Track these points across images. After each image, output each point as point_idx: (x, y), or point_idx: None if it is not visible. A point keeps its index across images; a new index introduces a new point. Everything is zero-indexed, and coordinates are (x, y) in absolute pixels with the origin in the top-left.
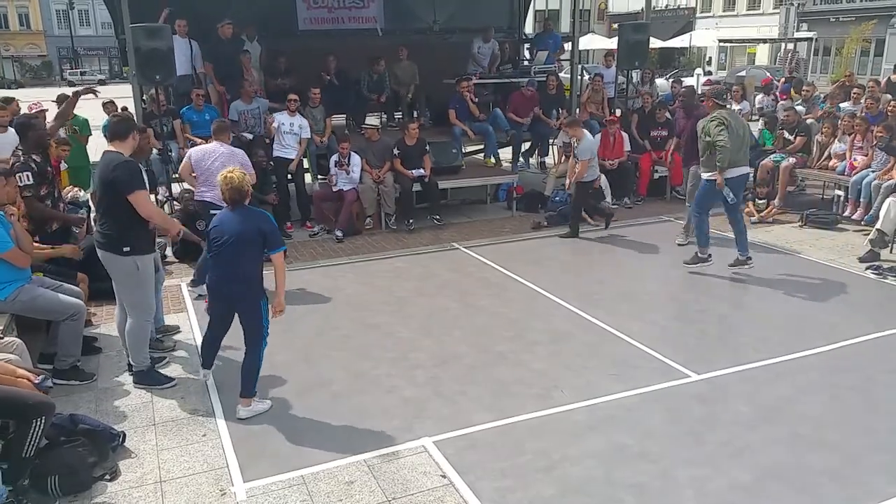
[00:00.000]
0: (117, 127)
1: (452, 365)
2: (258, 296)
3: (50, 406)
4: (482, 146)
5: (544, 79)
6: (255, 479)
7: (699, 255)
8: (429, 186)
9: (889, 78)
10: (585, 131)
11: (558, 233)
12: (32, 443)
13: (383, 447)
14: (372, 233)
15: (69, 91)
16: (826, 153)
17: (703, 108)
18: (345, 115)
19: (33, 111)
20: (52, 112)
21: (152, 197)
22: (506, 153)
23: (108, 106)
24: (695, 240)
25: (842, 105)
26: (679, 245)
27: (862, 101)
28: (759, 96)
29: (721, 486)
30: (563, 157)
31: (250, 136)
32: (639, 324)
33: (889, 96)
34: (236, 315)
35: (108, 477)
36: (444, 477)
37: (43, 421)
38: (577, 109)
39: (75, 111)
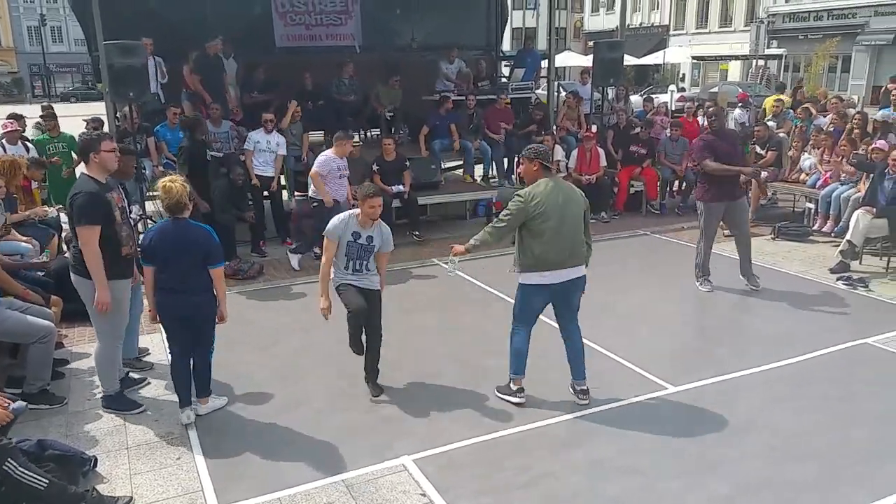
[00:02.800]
0: (79, 150)
1: (433, 382)
2: (213, 304)
3: (8, 450)
4: (461, 162)
5: (527, 97)
6: (230, 503)
7: (511, 385)
8: (408, 202)
9: (885, 87)
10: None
11: None
12: (27, 479)
13: (362, 466)
14: None
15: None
16: (798, 166)
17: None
18: (322, 133)
19: (7, 129)
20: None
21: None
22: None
23: (91, 124)
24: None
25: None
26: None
27: (825, 116)
28: (737, 111)
29: (700, 498)
30: None
31: (220, 154)
32: (617, 337)
33: (852, 111)
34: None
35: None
36: (424, 496)
37: (11, 462)
38: (555, 126)
39: (63, 129)
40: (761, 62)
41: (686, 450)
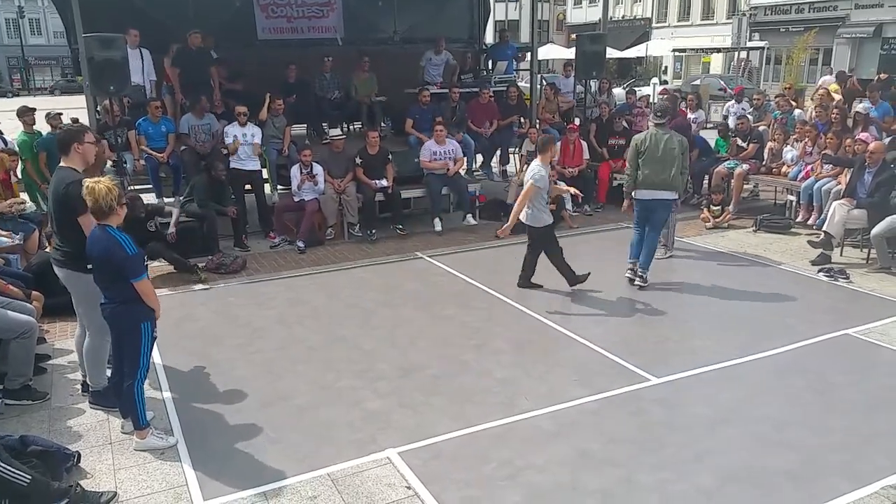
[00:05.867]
0: (59, 142)
1: (417, 375)
2: (134, 316)
3: None
4: None
5: (504, 89)
6: (215, 497)
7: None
8: (391, 196)
9: (879, 77)
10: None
11: (521, 240)
12: (9, 475)
13: (347, 460)
14: (334, 243)
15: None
16: (781, 160)
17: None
18: (305, 126)
19: None
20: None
21: None
22: None
23: (53, 119)
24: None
25: (797, 112)
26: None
27: (810, 109)
28: (731, 103)
29: (684, 489)
30: (525, 166)
31: (208, 150)
32: (599, 329)
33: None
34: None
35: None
36: (409, 488)
37: None
38: (539, 119)
39: (36, 127)
40: (743, 55)
41: (669, 441)
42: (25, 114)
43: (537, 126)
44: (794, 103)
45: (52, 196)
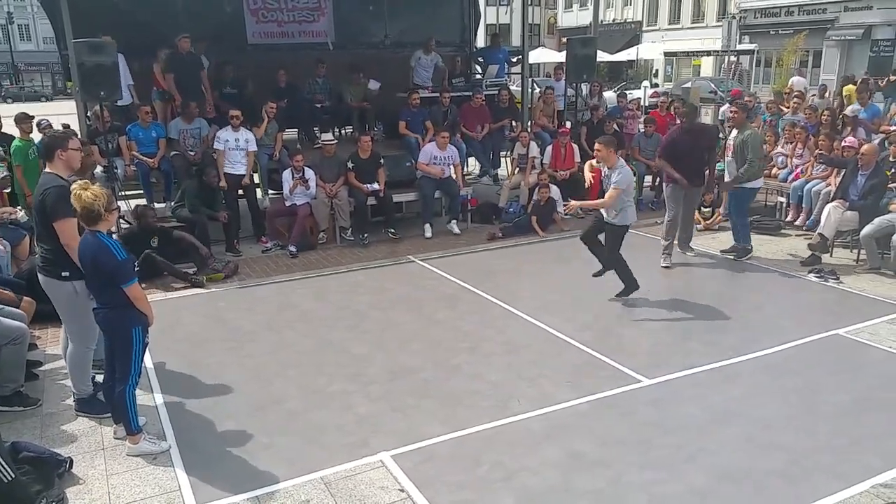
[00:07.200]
0: (43, 148)
1: (409, 379)
2: (125, 322)
3: None
4: None
5: (496, 92)
6: (208, 502)
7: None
8: (383, 200)
9: (889, 79)
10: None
11: (513, 243)
12: None
13: (340, 463)
14: (326, 247)
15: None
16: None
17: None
18: (297, 130)
19: None
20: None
21: None
22: None
23: (45, 129)
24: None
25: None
26: (665, 268)
27: (801, 112)
28: (727, 107)
29: (675, 489)
30: (517, 169)
31: (193, 154)
32: (591, 331)
33: (818, 104)
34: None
35: None
36: (402, 491)
37: None
38: (530, 122)
39: (31, 135)
40: (733, 58)
41: (661, 442)
42: (23, 121)
43: (529, 129)
44: (783, 106)
45: (34, 202)
